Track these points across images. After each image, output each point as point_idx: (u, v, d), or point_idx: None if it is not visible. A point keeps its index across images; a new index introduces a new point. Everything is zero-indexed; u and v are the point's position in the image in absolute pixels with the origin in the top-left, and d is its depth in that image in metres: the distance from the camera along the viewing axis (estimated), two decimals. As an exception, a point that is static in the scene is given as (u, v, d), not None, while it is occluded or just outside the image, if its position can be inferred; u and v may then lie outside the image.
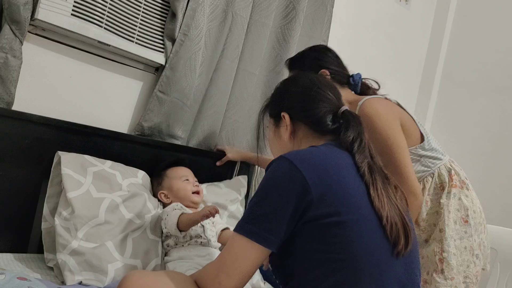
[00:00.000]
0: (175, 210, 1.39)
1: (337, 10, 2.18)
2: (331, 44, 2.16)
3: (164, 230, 1.39)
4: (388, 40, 2.60)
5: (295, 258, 0.90)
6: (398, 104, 1.53)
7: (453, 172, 1.51)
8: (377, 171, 0.97)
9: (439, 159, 1.51)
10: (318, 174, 0.89)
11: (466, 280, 1.47)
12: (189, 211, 1.43)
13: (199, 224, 1.38)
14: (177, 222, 1.34)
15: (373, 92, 1.57)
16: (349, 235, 0.86)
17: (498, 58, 2.55)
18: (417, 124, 1.51)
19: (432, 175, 1.51)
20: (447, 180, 1.49)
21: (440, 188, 1.50)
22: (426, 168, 1.50)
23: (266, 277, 1.54)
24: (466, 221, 1.48)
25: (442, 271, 1.44)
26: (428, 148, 1.50)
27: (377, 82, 1.59)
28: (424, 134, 1.50)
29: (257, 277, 1.51)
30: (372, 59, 2.51)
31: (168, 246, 1.40)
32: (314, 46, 1.62)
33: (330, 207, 0.87)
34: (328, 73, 1.50)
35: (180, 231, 1.35)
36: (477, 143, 2.55)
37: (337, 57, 1.57)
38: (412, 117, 1.51)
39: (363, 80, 1.57)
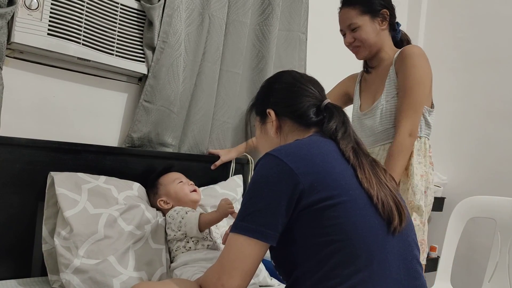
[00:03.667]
0: (189, 212, 1.40)
1: (313, 0, 2.19)
2: (310, 35, 2.18)
3: (178, 234, 1.38)
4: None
5: (295, 248, 0.91)
6: None
7: (430, 150, 1.63)
8: (363, 155, 1.00)
9: (429, 133, 1.62)
10: (304, 164, 0.91)
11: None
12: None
13: None
14: (199, 223, 1.35)
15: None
16: (343, 215, 0.88)
17: (475, 32, 2.58)
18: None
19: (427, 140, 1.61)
20: (428, 150, 1.61)
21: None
22: (428, 131, 1.60)
23: (273, 273, 1.55)
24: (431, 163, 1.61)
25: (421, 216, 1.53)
26: (430, 118, 1.60)
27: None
28: (433, 104, 1.61)
29: (264, 274, 1.52)
30: (353, 45, 2.52)
31: (176, 250, 1.40)
32: None
33: (322, 193, 0.88)
34: (388, 13, 1.60)
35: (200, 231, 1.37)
36: (464, 117, 2.58)
37: None
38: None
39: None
